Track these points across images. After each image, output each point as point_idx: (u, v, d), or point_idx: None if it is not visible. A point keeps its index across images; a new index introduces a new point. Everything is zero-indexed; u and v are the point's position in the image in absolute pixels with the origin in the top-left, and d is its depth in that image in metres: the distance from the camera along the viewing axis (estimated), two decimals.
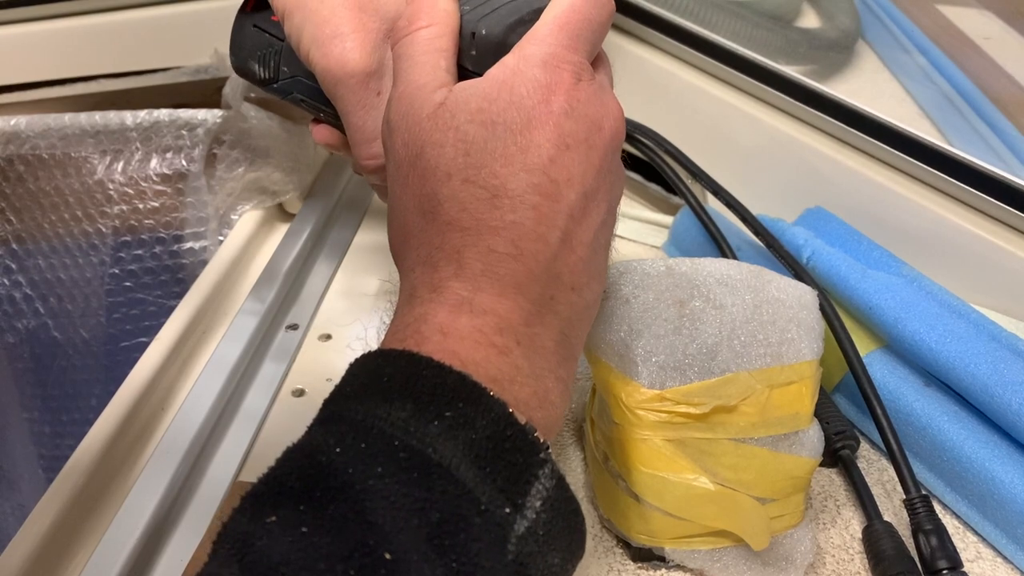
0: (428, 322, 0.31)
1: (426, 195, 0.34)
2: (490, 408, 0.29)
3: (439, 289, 0.32)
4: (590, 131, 0.34)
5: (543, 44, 0.35)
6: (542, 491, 0.29)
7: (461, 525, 0.27)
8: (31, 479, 0.84)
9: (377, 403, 0.29)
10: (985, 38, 0.93)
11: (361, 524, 0.26)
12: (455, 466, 0.28)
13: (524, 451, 0.29)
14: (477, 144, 0.33)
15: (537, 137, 0.33)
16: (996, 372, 0.47)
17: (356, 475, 0.27)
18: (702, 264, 0.47)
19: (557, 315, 0.33)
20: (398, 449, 0.28)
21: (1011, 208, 0.57)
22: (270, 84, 0.48)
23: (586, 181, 0.34)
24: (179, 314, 0.59)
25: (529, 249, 0.32)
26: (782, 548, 0.44)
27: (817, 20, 0.97)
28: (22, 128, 0.71)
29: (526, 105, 0.33)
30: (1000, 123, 0.78)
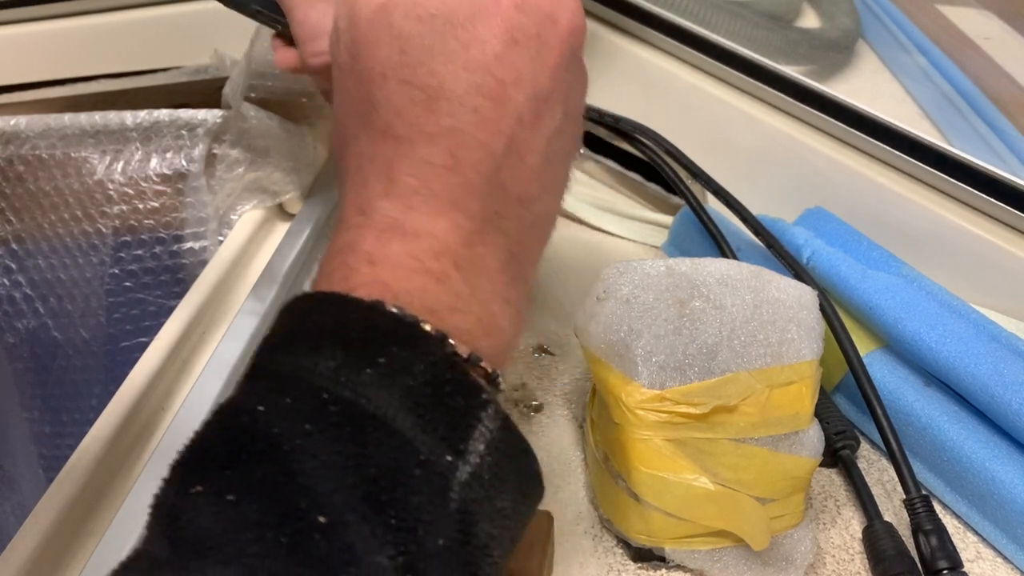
0: (355, 250, 0.29)
1: (362, 99, 0.31)
2: (428, 350, 0.27)
3: (366, 211, 0.29)
4: (543, 25, 0.31)
5: None
6: (485, 433, 0.27)
7: (400, 479, 0.25)
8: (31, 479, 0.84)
9: (303, 353, 0.27)
10: (985, 38, 0.93)
11: (291, 487, 0.24)
12: (391, 416, 0.26)
13: (465, 393, 0.27)
14: (414, 40, 0.30)
15: (481, 31, 0.30)
16: (996, 372, 0.47)
17: (283, 434, 0.25)
18: (702, 264, 0.47)
19: (503, 232, 0.31)
20: (328, 402, 0.25)
21: (1011, 208, 0.57)
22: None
23: (538, 82, 0.31)
24: (179, 314, 0.59)
25: (469, 159, 0.30)
26: (782, 548, 0.44)
27: (817, 20, 0.97)
28: (22, 128, 0.71)
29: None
30: (1000, 123, 0.78)
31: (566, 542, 0.47)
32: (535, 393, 0.57)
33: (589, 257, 0.71)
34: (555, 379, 0.58)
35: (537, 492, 0.30)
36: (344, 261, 0.29)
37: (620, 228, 0.74)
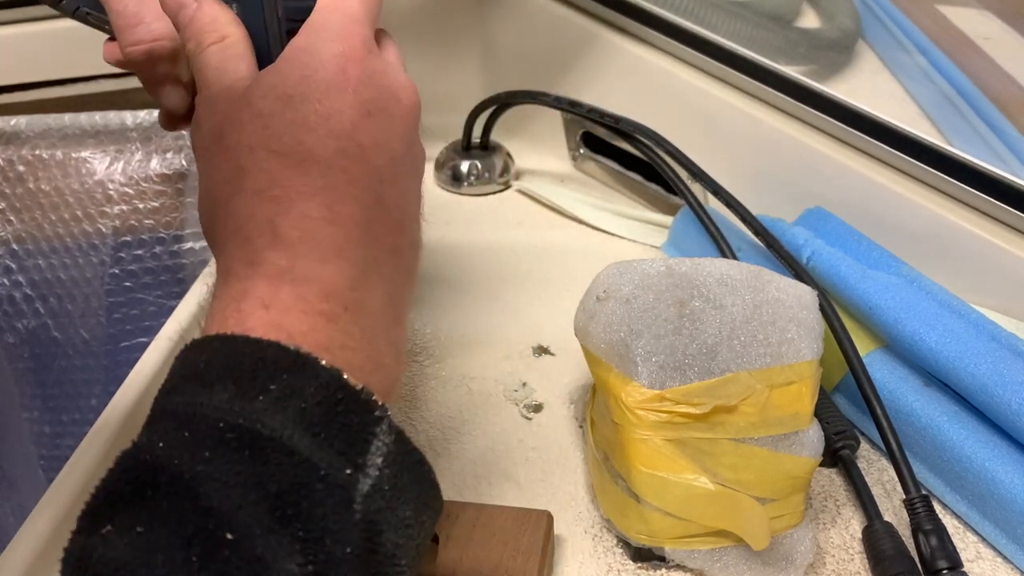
0: (248, 298, 0.31)
1: (232, 168, 0.33)
2: (316, 375, 0.29)
3: (255, 263, 0.31)
4: (388, 101, 0.35)
5: (328, 18, 0.35)
6: (382, 447, 0.28)
7: (303, 493, 0.27)
8: (31, 479, 0.84)
9: (196, 391, 0.28)
10: (985, 38, 0.93)
11: (196, 510, 0.26)
12: (287, 436, 0.27)
13: (358, 412, 0.29)
14: (275, 117, 0.33)
15: (338, 104, 0.33)
16: (996, 372, 0.47)
17: (183, 464, 0.26)
18: (702, 264, 0.47)
19: (382, 277, 0.33)
20: (224, 431, 0.27)
21: (1011, 208, 0.57)
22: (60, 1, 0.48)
23: (392, 147, 0.34)
24: (179, 314, 0.59)
25: (345, 212, 0.32)
26: (782, 548, 0.44)
27: (817, 20, 0.97)
28: (22, 128, 0.71)
29: (321, 76, 0.34)
30: (1000, 123, 0.78)
31: (566, 542, 0.47)
32: (535, 393, 0.57)
33: (589, 257, 0.71)
34: (555, 379, 0.58)
35: (436, 503, 0.31)
36: (238, 308, 0.31)
37: (620, 228, 0.74)
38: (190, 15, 0.38)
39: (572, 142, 0.81)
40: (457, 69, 0.85)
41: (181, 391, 0.29)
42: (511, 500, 0.49)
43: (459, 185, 0.79)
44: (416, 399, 0.57)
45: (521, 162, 0.82)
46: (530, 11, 0.80)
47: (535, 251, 0.72)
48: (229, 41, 0.37)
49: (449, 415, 0.56)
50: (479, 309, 0.65)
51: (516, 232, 0.74)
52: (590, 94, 0.75)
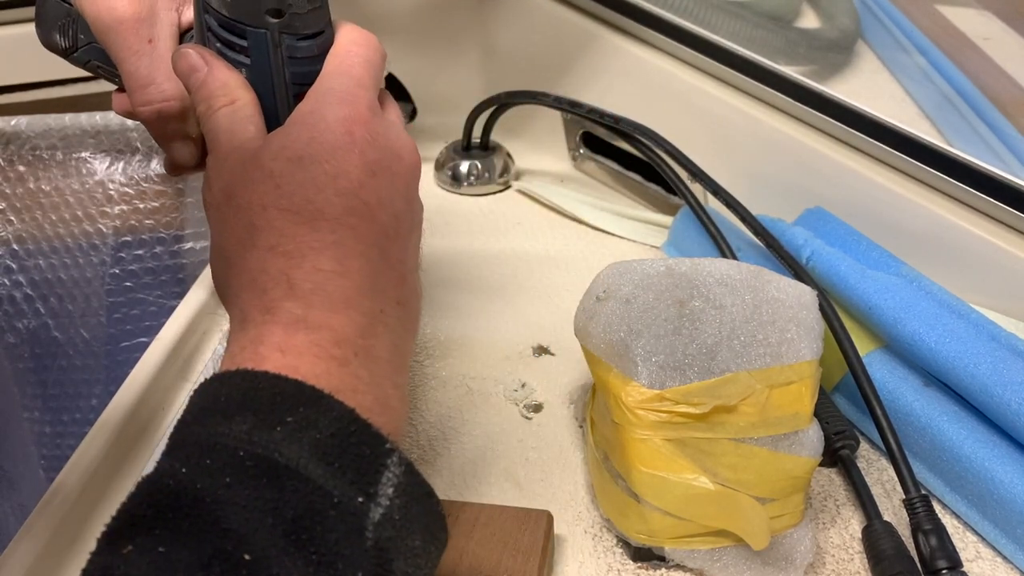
0: (265, 342, 0.32)
1: (244, 226, 0.35)
2: (331, 408, 0.30)
3: (272, 310, 0.33)
4: (392, 160, 0.37)
5: (334, 83, 0.37)
6: (392, 479, 0.30)
7: (317, 519, 0.28)
8: (32, 479, 0.84)
9: (217, 422, 0.30)
10: (985, 38, 0.93)
11: (216, 532, 0.27)
12: (303, 465, 0.29)
13: (370, 443, 0.30)
14: (286, 177, 0.35)
15: (345, 164, 0.35)
16: (995, 372, 0.47)
17: (205, 489, 0.28)
18: (702, 264, 0.47)
19: (388, 327, 0.35)
20: (244, 459, 0.29)
21: (1011, 208, 0.57)
22: (71, 53, 0.49)
23: (395, 204, 0.36)
24: (179, 314, 0.59)
25: (354, 266, 0.34)
26: (782, 548, 0.44)
27: (817, 20, 0.97)
28: (22, 128, 0.71)
29: (328, 138, 0.36)
30: (999, 123, 0.78)
31: (566, 542, 0.47)
32: (535, 393, 0.57)
33: (589, 257, 0.71)
34: (555, 379, 0.58)
35: (443, 535, 0.33)
36: (255, 351, 0.32)
37: (620, 228, 0.74)
38: (201, 79, 0.39)
39: (572, 142, 0.81)
40: (457, 69, 0.85)
41: (202, 422, 0.31)
42: (511, 500, 0.49)
43: (459, 185, 0.79)
44: (416, 399, 0.57)
45: (521, 162, 0.82)
46: (530, 11, 0.80)
47: (535, 251, 0.72)
48: (239, 104, 0.38)
49: (449, 415, 0.56)
50: (479, 309, 0.65)
51: (516, 232, 0.74)
52: (590, 94, 0.75)
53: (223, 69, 0.39)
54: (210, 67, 0.39)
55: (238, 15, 0.38)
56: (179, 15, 0.45)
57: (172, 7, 0.44)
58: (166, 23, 0.44)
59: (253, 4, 0.37)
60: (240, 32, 0.38)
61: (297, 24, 0.38)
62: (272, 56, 0.38)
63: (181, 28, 0.45)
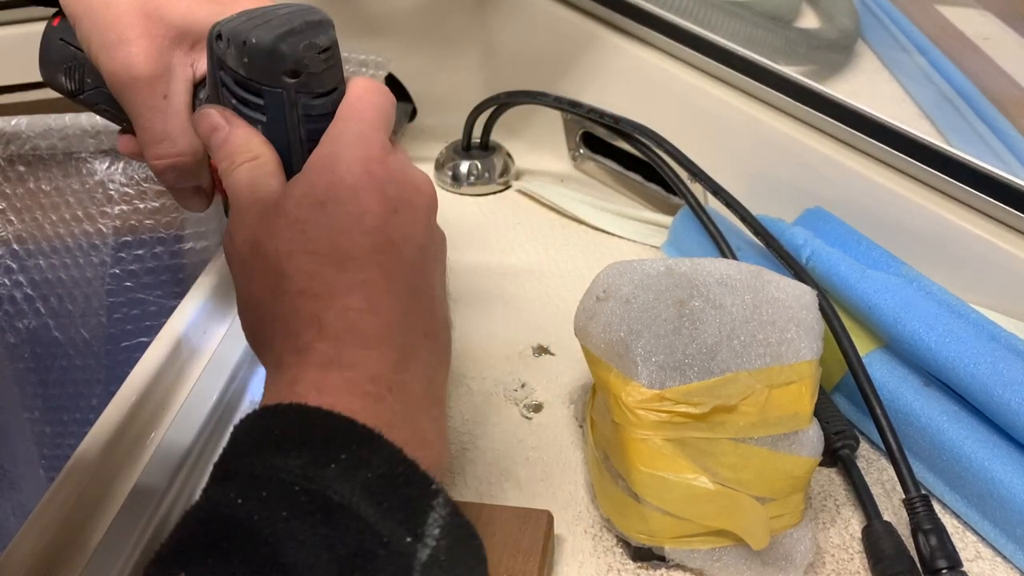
0: (301, 382, 0.33)
1: (272, 275, 0.36)
2: (381, 447, 0.31)
3: (304, 352, 0.34)
4: (411, 194, 0.37)
5: (348, 127, 0.38)
6: (438, 520, 0.30)
7: (368, 557, 0.28)
8: (32, 479, 0.84)
9: (272, 455, 0.30)
10: (984, 38, 0.94)
11: (273, 566, 0.27)
12: (355, 504, 0.29)
13: (417, 484, 0.31)
14: (310, 222, 0.35)
15: (367, 204, 0.36)
16: (995, 372, 0.47)
17: (261, 521, 0.28)
18: (702, 264, 0.47)
19: (420, 361, 0.35)
20: (299, 494, 0.29)
21: (1011, 208, 0.57)
22: (77, 96, 0.49)
23: (418, 238, 0.37)
24: (179, 314, 0.59)
25: (383, 303, 0.35)
26: (782, 547, 0.44)
27: (817, 20, 0.97)
28: (22, 128, 0.71)
29: (348, 180, 0.36)
30: (999, 123, 0.78)
31: (566, 542, 0.47)
32: (535, 393, 0.57)
33: (589, 257, 0.71)
34: (555, 379, 0.58)
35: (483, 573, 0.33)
36: (292, 391, 0.33)
37: (620, 228, 0.74)
38: (223, 137, 0.40)
39: (572, 142, 0.81)
40: (457, 69, 0.85)
41: (254, 453, 0.31)
42: (511, 500, 0.49)
43: (459, 185, 0.80)
44: None
45: (521, 162, 0.82)
46: (530, 11, 0.80)
47: (535, 251, 0.72)
48: (261, 160, 0.39)
49: (449, 415, 0.56)
50: (479, 309, 0.65)
51: (516, 232, 0.74)
52: (590, 94, 0.75)
53: (244, 128, 0.40)
54: (232, 126, 0.40)
55: (255, 75, 0.39)
56: (194, 70, 0.45)
57: (187, 63, 0.45)
58: (181, 79, 0.44)
59: (271, 65, 0.38)
60: (256, 91, 0.39)
61: (313, 83, 0.39)
62: (288, 114, 0.39)
63: (195, 81, 0.45)
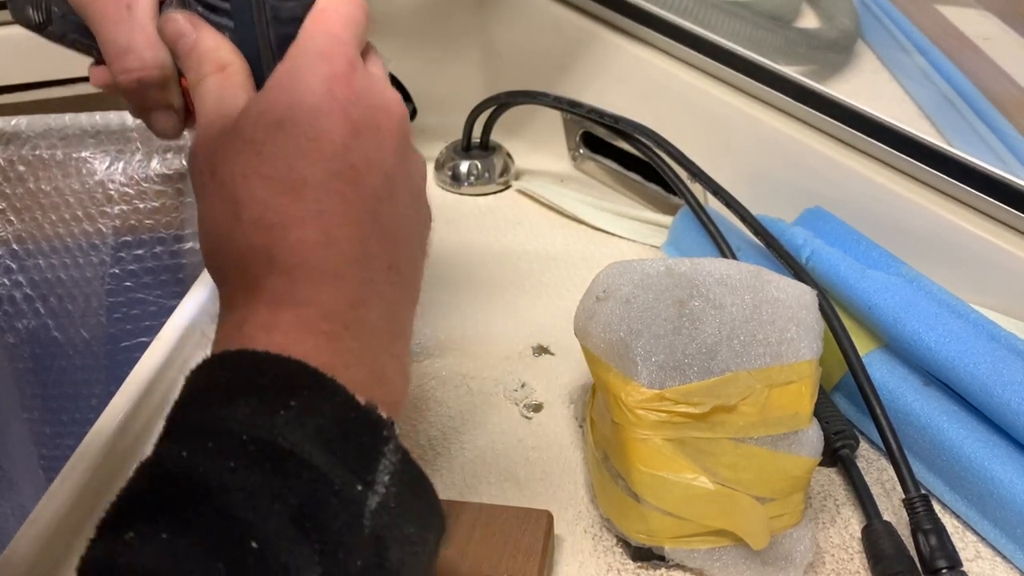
0: (249, 322, 0.31)
1: (227, 200, 0.34)
2: (334, 392, 0.30)
3: (254, 288, 0.32)
4: (377, 116, 0.35)
5: (313, 42, 0.35)
6: (388, 466, 0.30)
7: (320, 506, 0.28)
8: (32, 479, 0.84)
9: (219, 405, 0.29)
10: (984, 38, 0.94)
11: (222, 518, 0.26)
12: (307, 452, 0.28)
13: (369, 431, 0.30)
14: (267, 144, 0.33)
15: (327, 126, 0.33)
16: (995, 371, 0.47)
17: (208, 473, 0.27)
18: (701, 264, 0.47)
19: (380, 295, 0.34)
20: (247, 443, 0.28)
21: (1011, 208, 0.57)
22: (46, 28, 0.47)
23: (385, 164, 0.34)
24: (179, 314, 0.59)
25: (341, 235, 0.33)
26: (781, 547, 0.44)
27: (816, 20, 0.97)
28: (22, 128, 0.71)
29: (309, 99, 0.34)
30: (999, 123, 0.78)
31: (566, 542, 0.47)
32: (535, 393, 0.57)
33: (589, 257, 0.71)
34: (555, 379, 0.58)
35: (438, 522, 0.32)
36: (241, 332, 0.31)
37: (620, 228, 0.74)
38: (190, 44, 0.38)
39: (572, 142, 0.81)
40: (457, 69, 0.85)
41: (202, 405, 0.30)
42: (511, 500, 0.49)
43: (459, 185, 0.79)
44: (416, 399, 0.57)
45: (521, 162, 0.82)
46: (530, 11, 0.80)
47: (535, 251, 0.72)
48: (230, 70, 0.37)
49: (449, 415, 0.56)
50: (479, 309, 0.65)
51: (516, 232, 0.74)
52: (590, 94, 0.75)
53: (212, 34, 0.38)
54: (199, 32, 0.38)
55: None
56: None
57: None
58: None
59: None
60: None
61: None
62: (256, 17, 0.37)
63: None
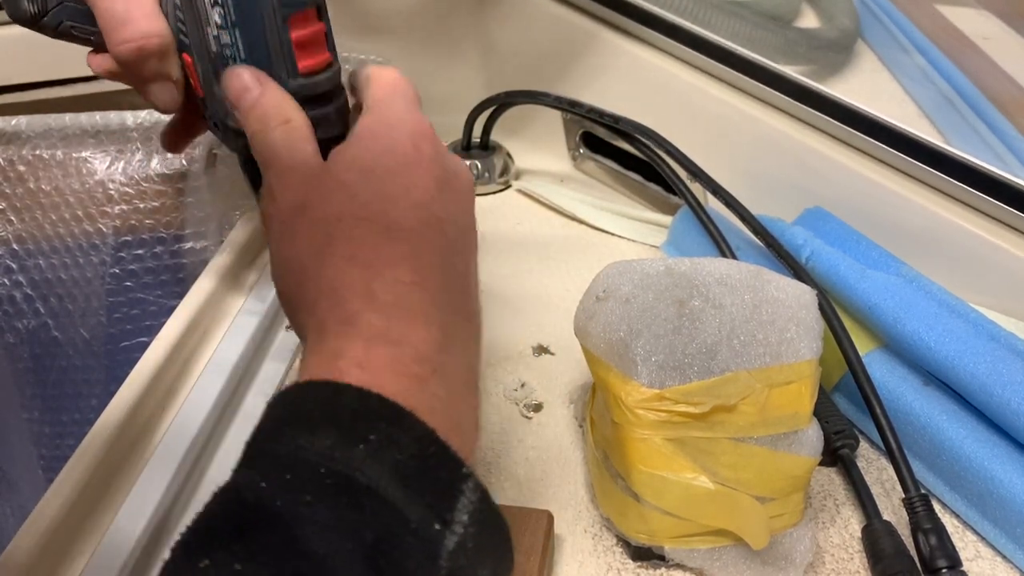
0: (345, 356, 0.32)
1: (320, 236, 0.35)
2: (412, 427, 0.30)
3: (352, 322, 0.33)
4: (454, 178, 0.37)
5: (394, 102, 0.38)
6: (468, 505, 0.29)
7: (395, 543, 0.27)
8: (31, 479, 0.84)
9: (299, 434, 0.29)
10: (984, 38, 0.94)
11: (295, 552, 0.26)
12: (383, 487, 0.28)
13: (448, 467, 0.30)
14: (360, 186, 0.35)
15: (416, 178, 0.36)
16: (995, 371, 0.47)
17: (285, 506, 0.27)
18: (701, 264, 0.47)
19: (461, 343, 0.35)
20: (324, 476, 0.28)
21: (1011, 208, 0.57)
22: (41, 19, 0.48)
23: (460, 219, 0.37)
24: (179, 314, 0.59)
25: (430, 279, 0.34)
26: (781, 547, 0.44)
27: (816, 20, 0.97)
28: (22, 128, 0.71)
29: (399, 151, 0.36)
30: (999, 123, 0.78)
31: (566, 541, 0.47)
32: (535, 393, 0.57)
33: (589, 257, 0.71)
34: (555, 379, 0.58)
35: (510, 563, 0.32)
36: (335, 365, 0.32)
37: (620, 228, 0.74)
38: (254, 98, 0.40)
39: (572, 142, 0.81)
40: (457, 69, 0.85)
41: (283, 434, 0.30)
42: (511, 500, 0.49)
43: None
44: None
45: (521, 162, 0.82)
46: (530, 11, 0.80)
47: (535, 251, 0.72)
48: (295, 124, 0.39)
49: None
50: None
51: (516, 232, 0.74)
52: (590, 94, 0.75)
53: (276, 90, 0.40)
54: (264, 87, 0.40)
55: None
56: None
57: None
58: None
59: None
60: None
61: None
62: None
63: None
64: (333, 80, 0.41)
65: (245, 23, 0.39)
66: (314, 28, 0.40)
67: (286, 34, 0.39)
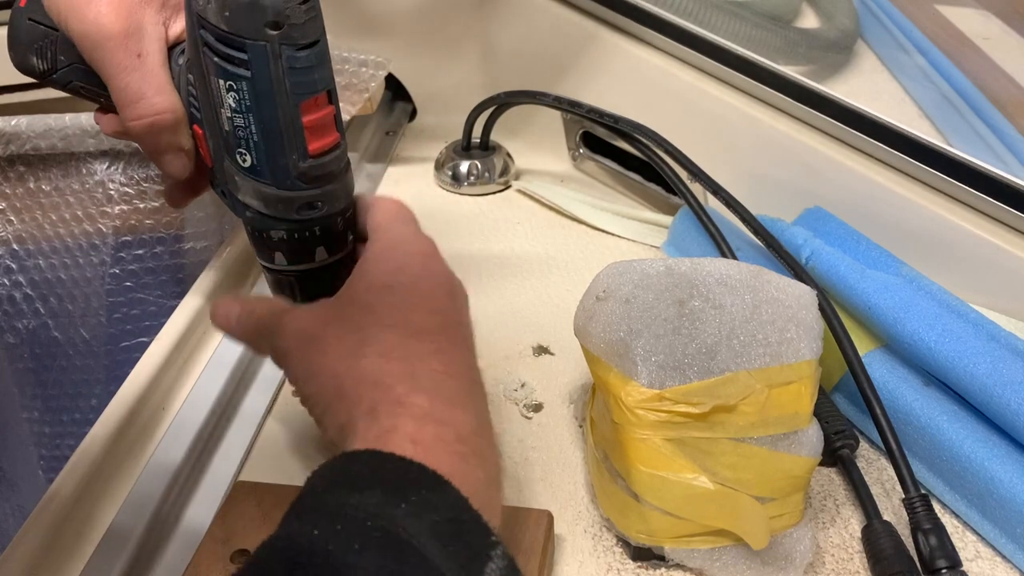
0: (398, 432, 0.35)
1: (350, 342, 0.38)
2: (448, 494, 0.33)
3: (401, 403, 0.36)
4: (456, 289, 0.43)
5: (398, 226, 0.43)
6: (495, 570, 0.31)
7: None
8: (31, 479, 0.84)
9: (347, 493, 0.32)
10: (984, 38, 0.94)
11: None
12: (422, 544, 0.30)
13: (479, 533, 0.32)
14: (380, 303, 0.39)
15: (430, 290, 0.41)
16: (995, 371, 0.47)
17: (336, 552, 0.29)
18: (701, 264, 0.47)
19: (488, 427, 0.38)
20: (371, 529, 0.30)
21: (1010, 208, 0.57)
22: (50, 75, 0.48)
23: (465, 323, 0.42)
24: (179, 314, 0.59)
25: (457, 371, 0.38)
26: (781, 547, 0.44)
27: (816, 20, 0.97)
28: (22, 128, 0.71)
29: (411, 270, 0.41)
30: (999, 123, 0.78)
31: (566, 541, 0.47)
32: (535, 393, 0.57)
33: (589, 257, 0.71)
34: (555, 379, 0.58)
35: None
36: (389, 440, 0.35)
37: (620, 228, 0.74)
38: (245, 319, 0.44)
39: (572, 142, 0.81)
40: (457, 69, 0.85)
41: (333, 492, 0.33)
42: (511, 500, 0.49)
43: (459, 185, 0.80)
44: None
45: (521, 162, 0.82)
46: (530, 11, 0.80)
47: (535, 251, 0.72)
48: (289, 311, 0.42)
49: None
50: (479, 309, 0.65)
51: (516, 232, 0.74)
52: (590, 94, 0.75)
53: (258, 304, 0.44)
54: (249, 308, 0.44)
55: (237, 29, 0.38)
56: (166, 28, 0.45)
57: (159, 21, 0.45)
58: (154, 37, 0.44)
59: (252, 17, 0.38)
60: (239, 46, 0.39)
61: (296, 35, 0.39)
62: (273, 67, 0.39)
63: (169, 42, 0.45)
64: (341, 159, 0.43)
65: (259, 109, 0.40)
66: (324, 111, 0.41)
67: (298, 119, 0.40)
